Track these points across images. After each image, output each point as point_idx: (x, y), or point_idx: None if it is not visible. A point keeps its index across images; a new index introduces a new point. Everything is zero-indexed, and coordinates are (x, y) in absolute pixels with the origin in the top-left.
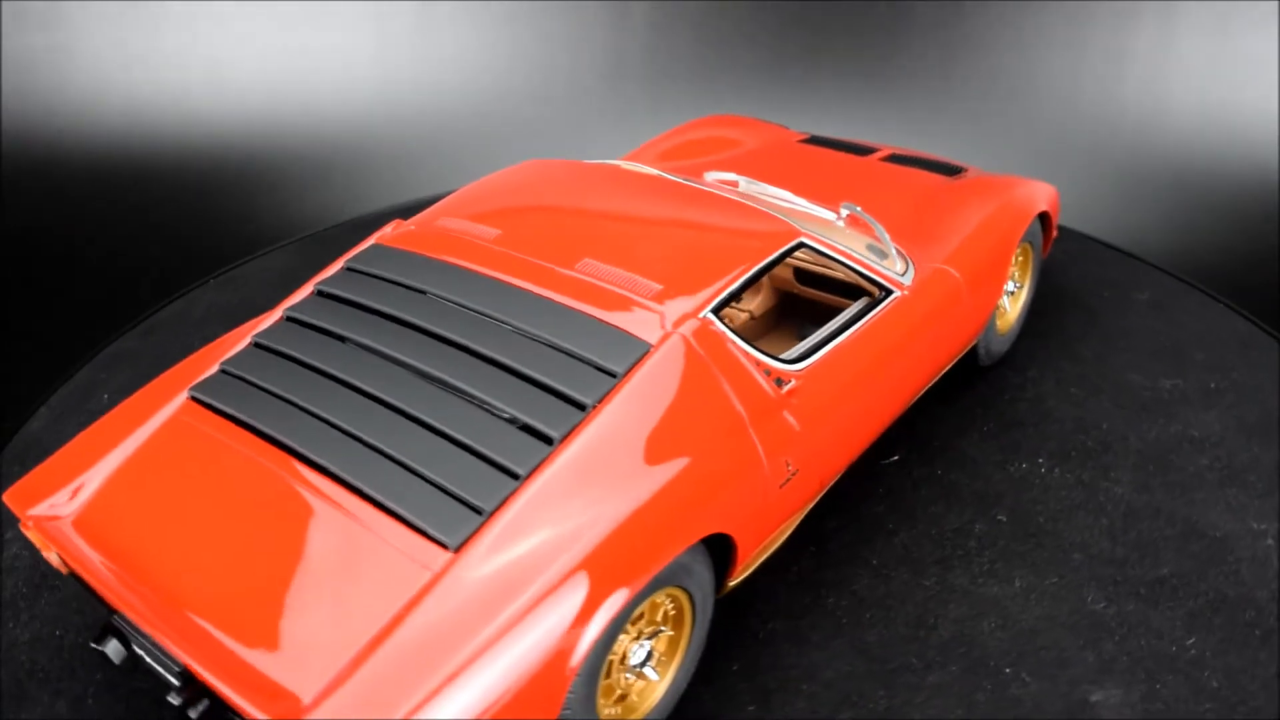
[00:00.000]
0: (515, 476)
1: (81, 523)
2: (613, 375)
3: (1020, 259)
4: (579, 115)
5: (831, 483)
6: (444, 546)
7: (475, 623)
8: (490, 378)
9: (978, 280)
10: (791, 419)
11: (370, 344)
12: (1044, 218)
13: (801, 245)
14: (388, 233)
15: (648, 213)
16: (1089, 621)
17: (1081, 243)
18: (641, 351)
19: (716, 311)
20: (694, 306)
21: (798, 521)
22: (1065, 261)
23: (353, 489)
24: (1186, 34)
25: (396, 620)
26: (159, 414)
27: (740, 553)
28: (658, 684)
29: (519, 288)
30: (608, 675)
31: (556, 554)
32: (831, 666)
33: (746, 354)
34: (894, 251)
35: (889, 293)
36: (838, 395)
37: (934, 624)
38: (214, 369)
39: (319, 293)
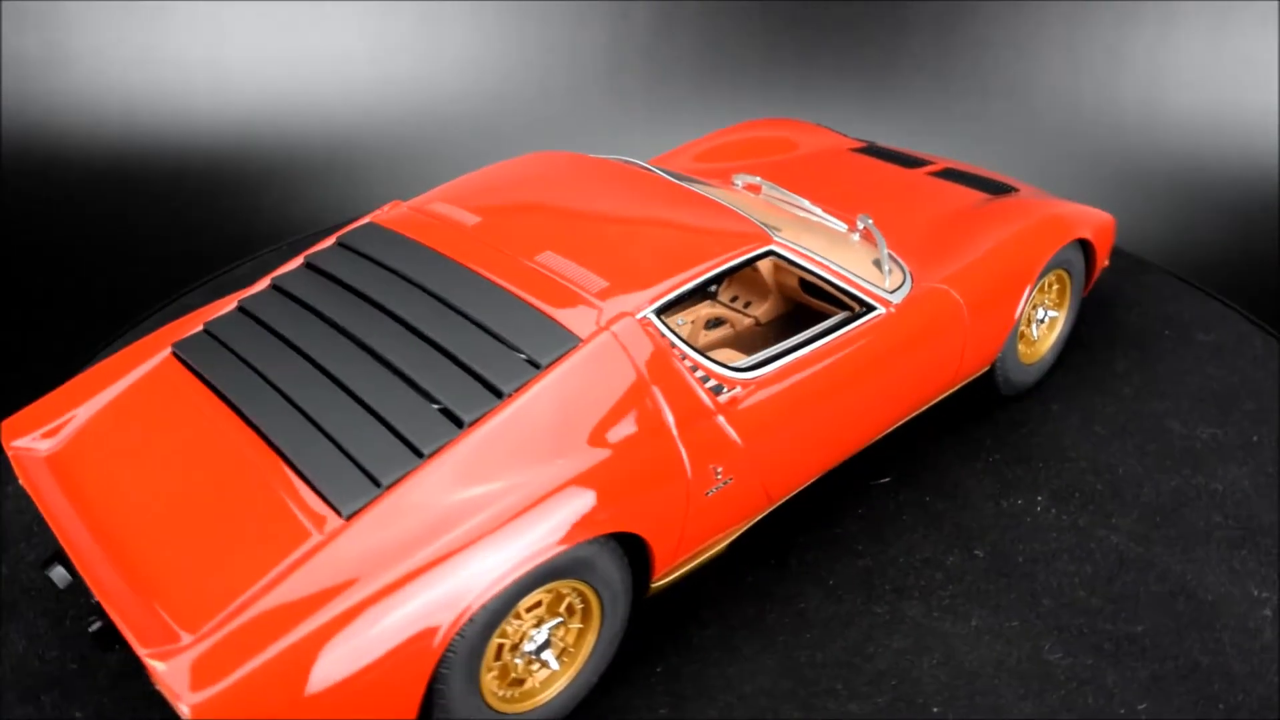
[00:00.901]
0: (419, 454)
1: (52, 458)
2: (536, 366)
3: (1054, 287)
4: (579, 115)
5: (784, 498)
6: (338, 513)
7: (351, 589)
8: (426, 359)
9: (983, 305)
10: (728, 427)
11: (333, 318)
12: (1086, 246)
13: (771, 253)
14: (384, 212)
15: (624, 210)
16: (1038, 671)
17: (1159, 276)
18: (570, 345)
19: (664, 310)
20: (633, 305)
21: (739, 532)
22: (1132, 293)
23: (277, 450)
24: (1186, 34)
25: (280, 577)
26: (143, 366)
27: (658, 557)
28: (560, 674)
29: (477, 274)
30: (498, 657)
31: (442, 532)
32: (754, 681)
33: (687, 356)
34: (886, 268)
35: (870, 309)
36: (791, 409)
37: (873, 653)
38: (199, 328)
39: (307, 264)
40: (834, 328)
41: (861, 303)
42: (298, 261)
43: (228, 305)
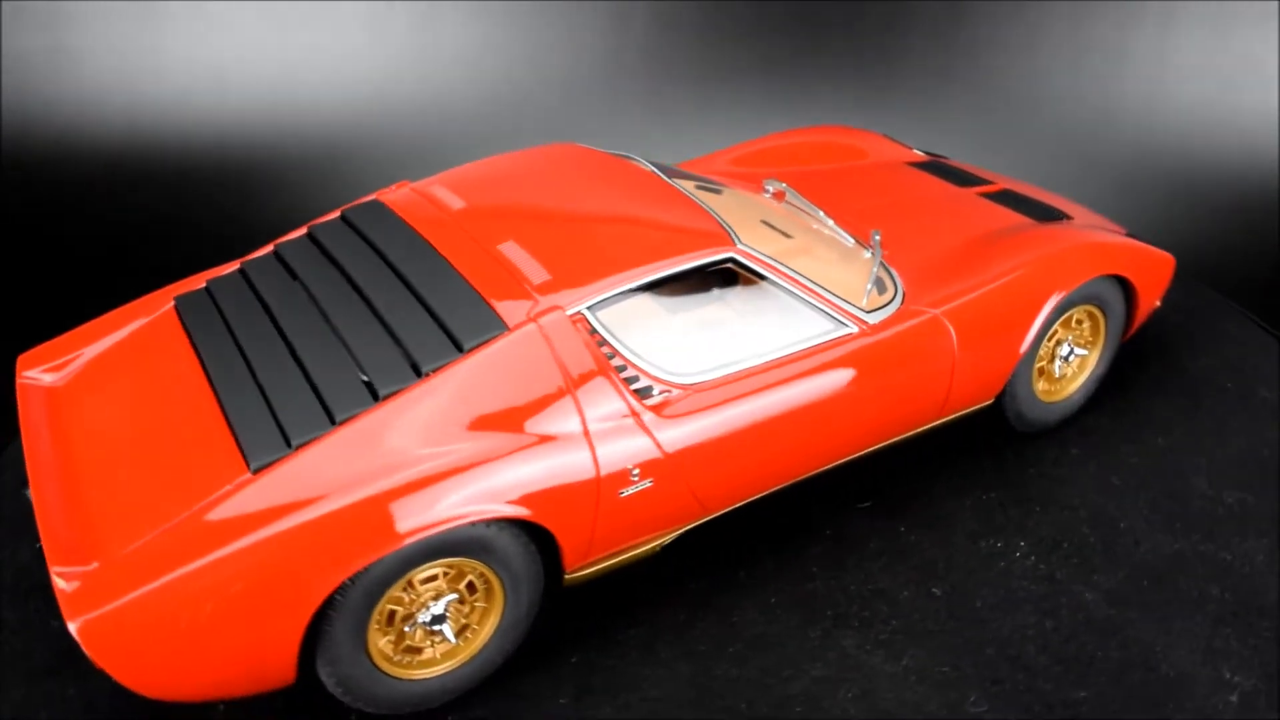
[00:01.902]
0: (332, 420)
1: (50, 391)
2: (459, 348)
3: (1084, 323)
4: (579, 115)
5: (724, 509)
6: (247, 466)
7: (244, 535)
8: (369, 332)
9: (979, 334)
10: (651, 430)
11: (309, 286)
12: (1125, 284)
13: (732, 260)
14: (389, 190)
15: (600, 207)
16: None
17: (1239, 324)
18: (496, 333)
19: (600, 306)
20: (568, 300)
21: (672, 535)
22: (1203, 336)
23: (219, 403)
24: (1187, 34)
25: (186, 518)
26: (148, 316)
27: (567, 550)
28: (461, 650)
29: (441, 257)
30: (390, 623)
31: (338, 494)
32: (662, 686)
33: (618, 355)
34: (869, 287)
35: (841, 325)
36: (730, 419)
37: (790, 676)
38: (202, 285)
39: (309, 233)
40: (796, 340)
41: (832, 319)
42: (302, 230)
43: (232, 267)
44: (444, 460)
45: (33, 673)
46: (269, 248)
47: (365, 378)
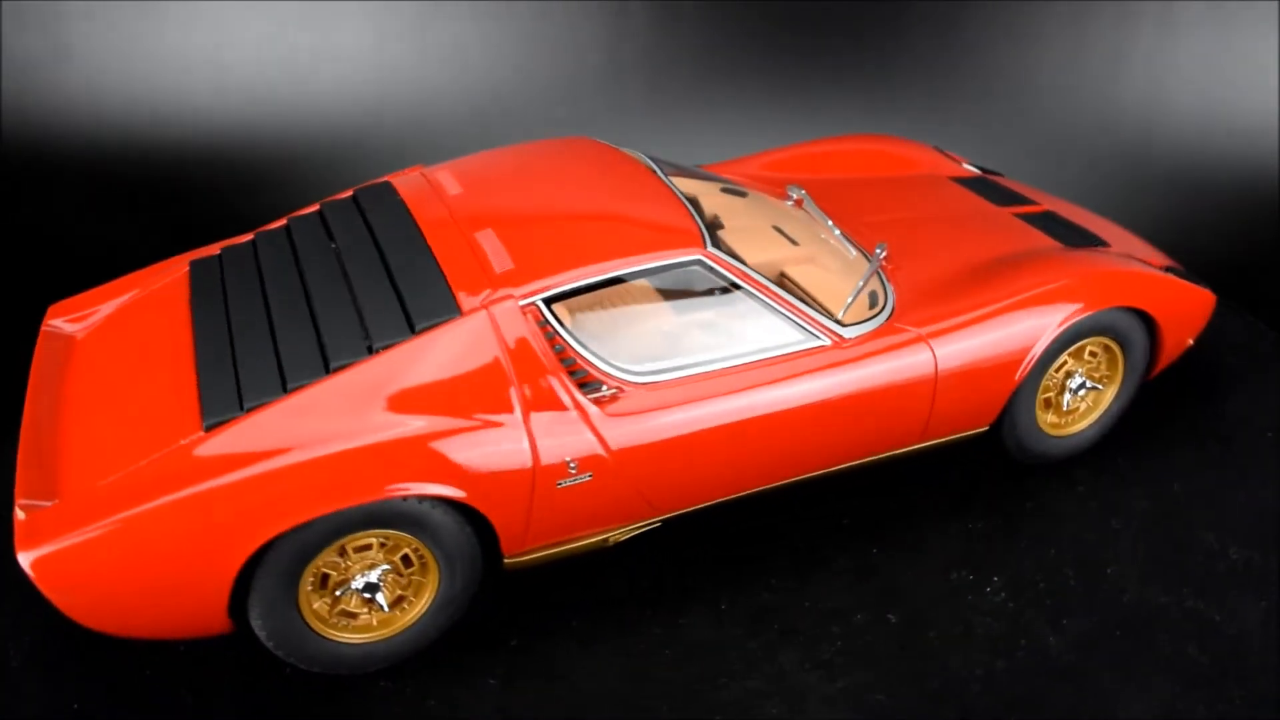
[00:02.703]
0: (284, 387)
1: (67, 340)
2: (411, 329)
3: (1098, 356)
4: (580, 115)
5: (677, 511)
6: (201, 423)
7: (185, 488)
8: (339, 308)
9: (965, 359)
10: (594, 424)
11: (304, 259)
12: (1147, 318)
13: (699, 263)
14: (401, 174)
15: (586, 202)
16: None
17: None
18: (448, 317)
19: (555, 301)
20: (521, 292)
21: (626, 531)
22: (1253, 378)
23: (195, 363)
24: (1187, 34)
25: (142, 467)
26: (168, 276)
27: (503, 535)
28: (395, 619)
29: (425, 241)
30: (324, 586)
31: (277, 457)
32: (592, 679)
33: (569, 348)
34: (850, 301)
35: (813, 337)
36: (681, 422)
37: (723, 685)
38: (219, 250)
39: (320, 210)
40: (760, 349)
41: (803, 331)
42: (315, 206)
43: (249, 236)
44: (382, 435)
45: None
46: (283, 221)
47: (323, 349)
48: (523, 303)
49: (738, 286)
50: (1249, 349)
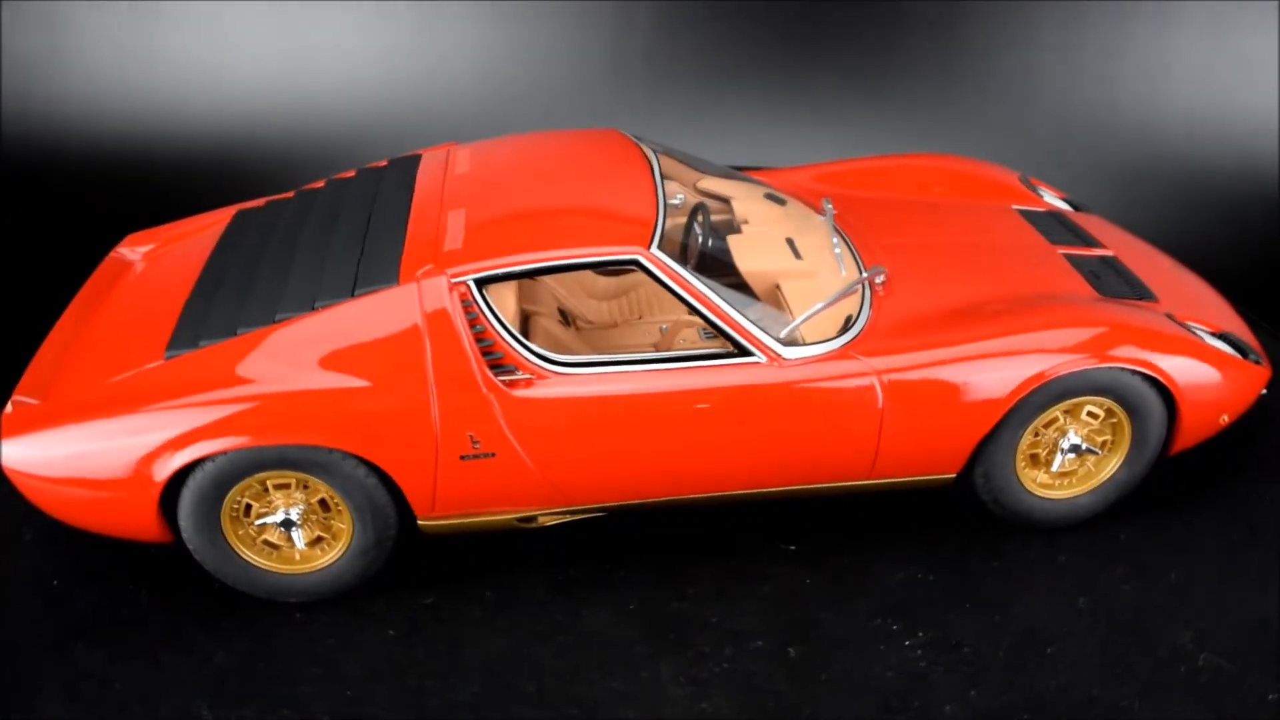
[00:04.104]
0: (233, 332)
1: (125, 266)
2: (350, 292)
3: (1103, 421)
4: (580, 115)
5: (593, 504)
6: (161, 355)
7: (127, 405)
8: (313, 266)
9: (917, 399)
10: (498, 404)
11: (309, 219)
12: (1162, 387)
13: (637, 264)
14: (433, 149)
15: (559, 193)
16: None
17: None
18: (385, 285)
19: (487, 282)
20: (457, 270)
21: (554, 515)
22: None
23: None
24: (1186, 34)
25: (111, 384)
26: (221, 222)
27: (411, 497)
28: (314, 556)
29: (409, 213)
30: (246, 515)
31: (210, 390)
32: (478, 648)
33: (490, 329)
34: (802, 318)
35: (746, 352)
36: (590, 416)
37: (591, 680)
38: (264, 203)
39: (329, 181)
40: (685, 357)
41: (736, 344)
42: (353, 172)
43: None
44: (301, 384)
45: None
46: (322, 182)
47: (278, 302)
48: (454, 280)
49: (672, 291)
50: None
